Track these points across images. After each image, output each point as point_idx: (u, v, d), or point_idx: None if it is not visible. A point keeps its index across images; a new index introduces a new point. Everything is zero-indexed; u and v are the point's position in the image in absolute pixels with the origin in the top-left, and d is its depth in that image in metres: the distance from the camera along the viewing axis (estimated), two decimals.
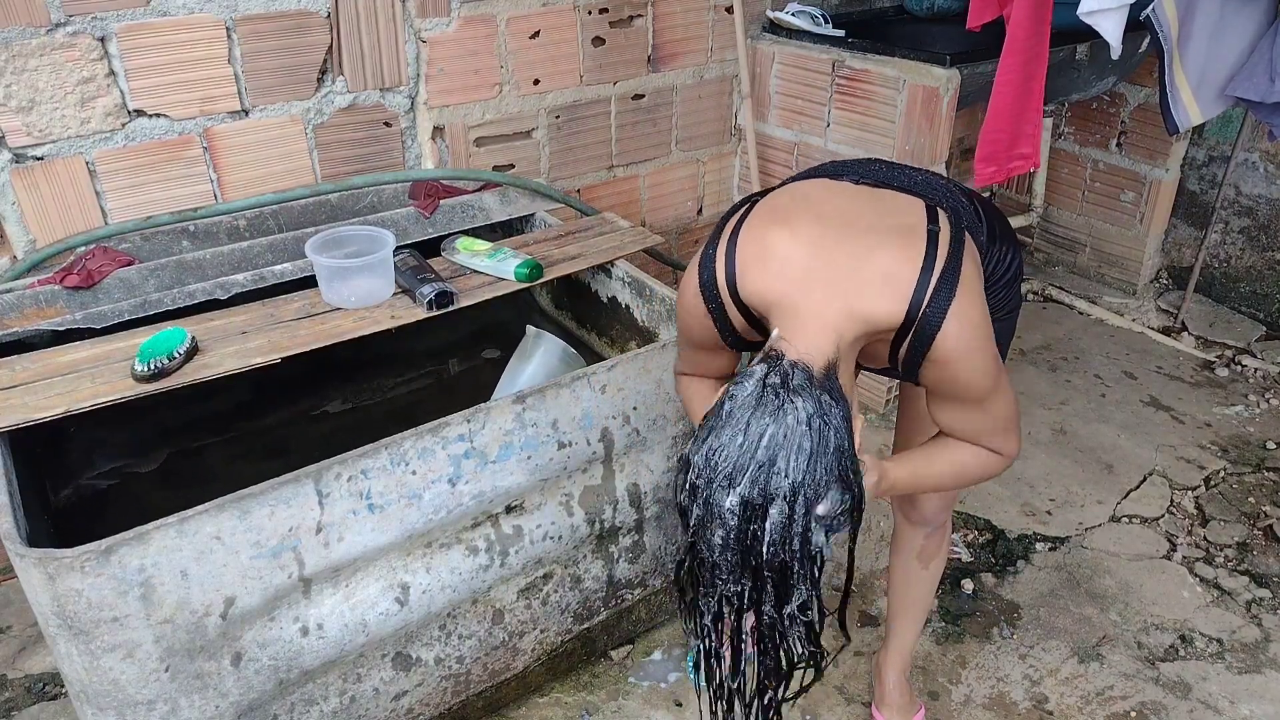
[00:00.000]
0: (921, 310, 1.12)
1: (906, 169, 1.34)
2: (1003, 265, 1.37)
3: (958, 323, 1.12)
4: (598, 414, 1.62)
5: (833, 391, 1.05)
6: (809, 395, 1.02)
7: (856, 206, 1.23)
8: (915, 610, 1.71)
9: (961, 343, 1.13)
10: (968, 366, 1.15)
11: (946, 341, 1.13)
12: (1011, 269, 1.39)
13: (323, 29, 2.00)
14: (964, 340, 1.13)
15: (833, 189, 1.27)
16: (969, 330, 1.13)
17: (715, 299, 1.22)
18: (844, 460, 1.03)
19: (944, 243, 1.16)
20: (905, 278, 1.13)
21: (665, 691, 1.86)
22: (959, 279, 1.14)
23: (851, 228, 1.18)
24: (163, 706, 1.33)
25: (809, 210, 1.22)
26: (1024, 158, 2.25)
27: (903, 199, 1.25)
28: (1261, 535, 2.27)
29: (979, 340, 1.15)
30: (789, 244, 1.16)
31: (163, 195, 1.94)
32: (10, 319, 1.65)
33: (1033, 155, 2.26)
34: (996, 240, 1.35)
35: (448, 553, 1.55)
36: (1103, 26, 2.06)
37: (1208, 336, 3.10)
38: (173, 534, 1.24)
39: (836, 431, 1.02)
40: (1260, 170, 3.03)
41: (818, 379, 1.05)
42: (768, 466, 1.00)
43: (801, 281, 1.13)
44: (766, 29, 2.66)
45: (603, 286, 2.04)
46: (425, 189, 2.07)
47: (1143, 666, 1.93)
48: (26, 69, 1.72)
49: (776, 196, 1.28)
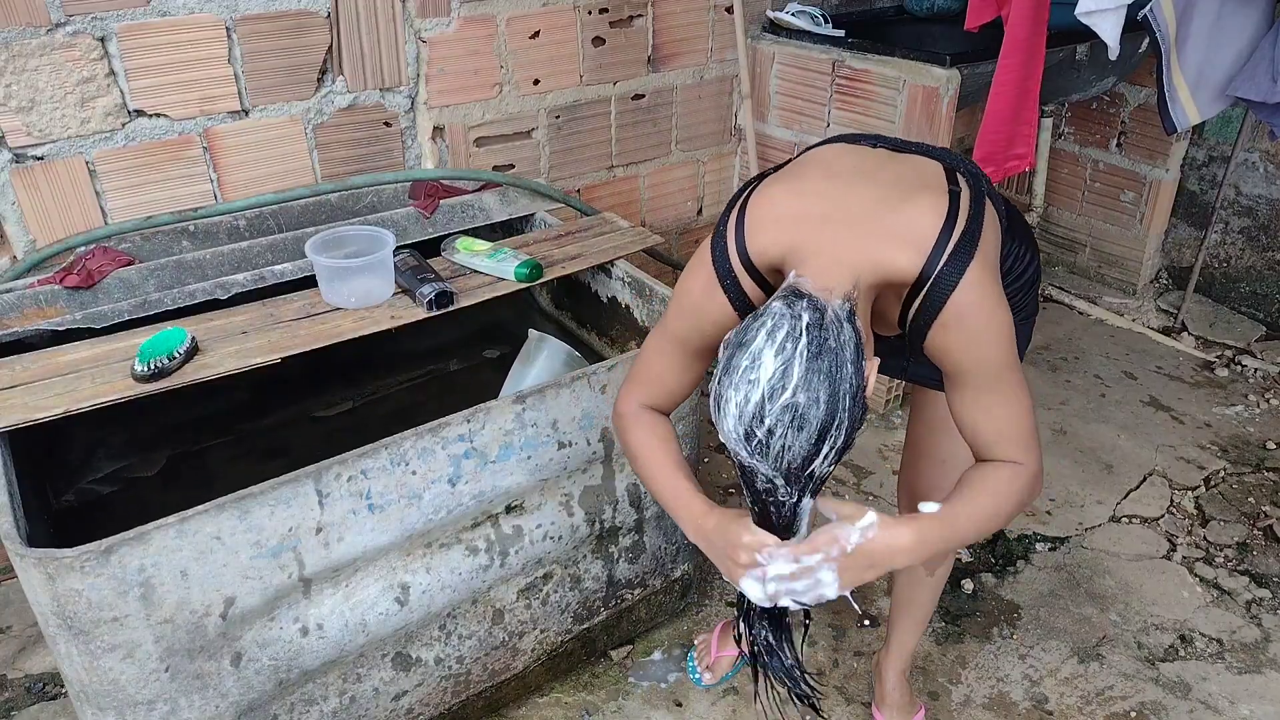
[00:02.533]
0: (938, 268, 1.10)
1: (923, 143, 1.33)
2: (1021, 264, 1.35)
3: (971, 291, 1.10)
4: (598, 414, 1.62)
5: (852, 323, 1.04)
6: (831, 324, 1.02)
7: (873, 163, 1.22)
8: (918, 614, 1.70)
9: (974, 309, 1.11)
10: (979, 331, 1.12)
11: (959, 304, 1.10)
12: (1029, 272, 1.37)
13: (323, 29, 2.00)
14: (977, 307, 1.11)
15: (848, 150, 1.27)
16: (982, 297, 1.11)
17: (729, 273, 1.20)
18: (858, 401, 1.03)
19: (964, 203, 1.15)
20: (925, 233, 1.11)
21: (665, 691, 1.86)
22: (978, 243, 1.12)
23: (868, 179, 1.17)
24: (163, 706, 1.33)
25: (818, 169, 1.22)
26: (1020, 158, 2.26)
27: (921, 160, 1.24)
28: (1261, 535, 2.27)
29: (991, 305, 1.12)
30: (798, 200, 1.16)
31: (163, 195, 1.94)
32: (10, 319, 1.65)
33: (1028, 155, 2.26)
34: (1016, 238, 1.33)
35: (448, 553, 1.55)
36: (1100, 27, 2.07)
37: (1208, 336, 3.10)
38: (173, 534, 1.24)
39: (855, 363, 1.02)
40: (1260, 170, 3.03)
41: (836, 311, 1.03)
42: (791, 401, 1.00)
43: (816, 228, 1.13)
44: (766, 29, 2.66)
45: (603, 286, 2.04)
46: (425, 189, 2.07)
47: (1143, 666, 1.93)
48: (26, 69, 1.72)
49: (783, 168, 1.28)
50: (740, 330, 1.05)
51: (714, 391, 1.06)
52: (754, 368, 1.01)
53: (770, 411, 1.00)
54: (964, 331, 1.12)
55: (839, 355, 1.01)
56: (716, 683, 1.86)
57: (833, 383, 1.00)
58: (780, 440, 1.01)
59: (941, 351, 1.15)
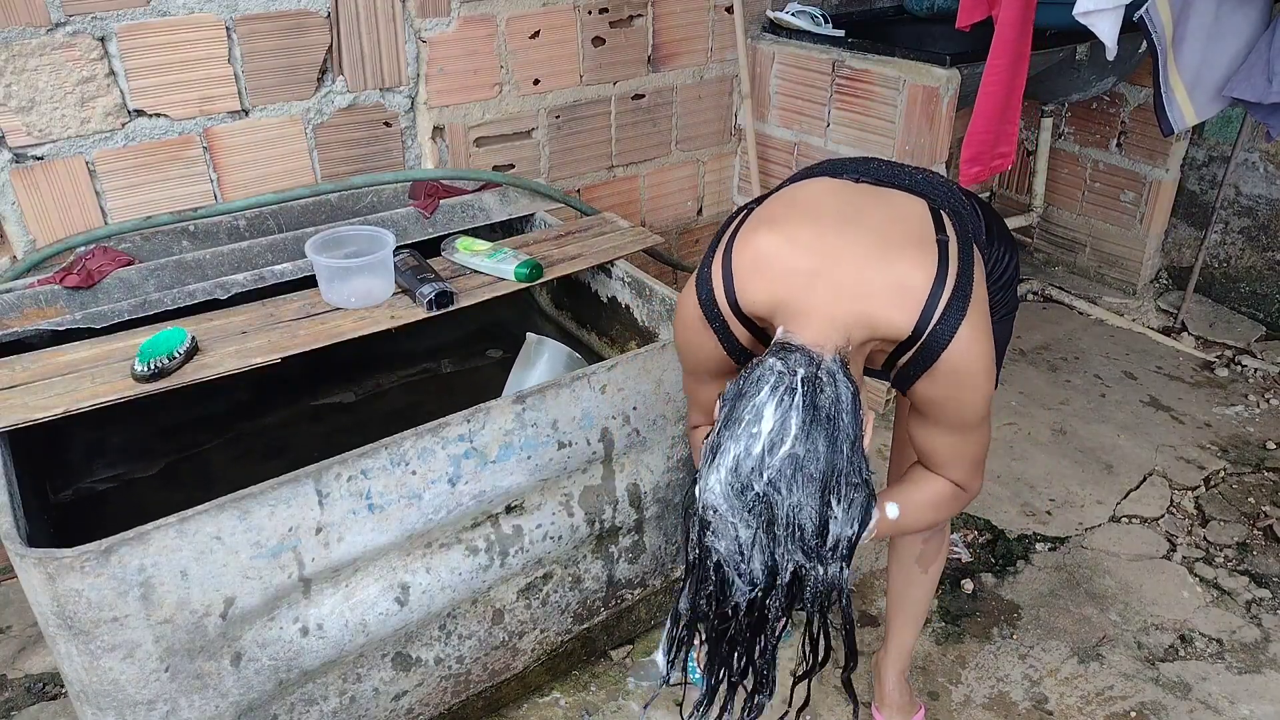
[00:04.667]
0: (931, 326, 1.11)
1: (906, 168, 1.33)
2: (1000, 265, 1.37)
3: (966, 343, 1.11)
4: (598, 414, 1.62)
5: (847, 376, 1.04)
6: (826, 378, 1.02)
7: (858, 204, 1.22)
8: (914, 612, 1.70)
9: (966, 363, 1.12)
10: (968, 387, 1.14)
11: (952, 359, 1.12)
12: (1009, 271, 1.39)
13: (322, 29, 2.00)
14: (969, 361, 1.13)
15: (831, 188, 1.27)
16: (975, 352, 1.13)
17: (717, 316, 1.21)
18: (856, 450, 1.03)
19: (954, 255, 1.16)
20: (917, 291, 1.12)
21: (665, 691, 1.86)
22: (970, 298, 1.13)
23: (856, 226, 1.17)
24: (163, 706, 1.33)
25: (803, 214, 1.21)
26: (1004, 156, 2.26)
27: (906, 199, 1.24)
28: (1261, 535, 2.28)
29: (982, 363, 1.14)
30: (786, 249, 1.15)
31: (163, 195, 1.94)
32: (10, 319, 1.65)
33: (1010, 153, 2.27)
34: (995, 242, 1.35)
35: (448, 553, 1.55)
36: (1098, 27, 2.06)
37: (1208, 336, 3.10)
38: (173, 534, 1.24)
39: (852, 413, 1.03)
40: (1260, 170, 3.03)
41: (829, 365, 1.04)
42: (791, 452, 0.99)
43: (806, 283, 1.12)
44: (766, 29, 2.66)
45: (602, 286, 2.04)
46: (425, 189, 2.07)
47: (1142, 666, 1.93)
48: (26, 69, 1.72)
49: (768, 205, 1.27)
50: (737, 383, 1.05)
51: (710, 442, 1.05)
52: (755, 421, 1.01)
53: (770, 465, 0.99)
54: (952, 385, 1.14)
55: (836, 407, 1.02)
56: None
57: (830, 434, 1.00)
58: (785, 498, 0.99)
59: (925, 399, 1.18)
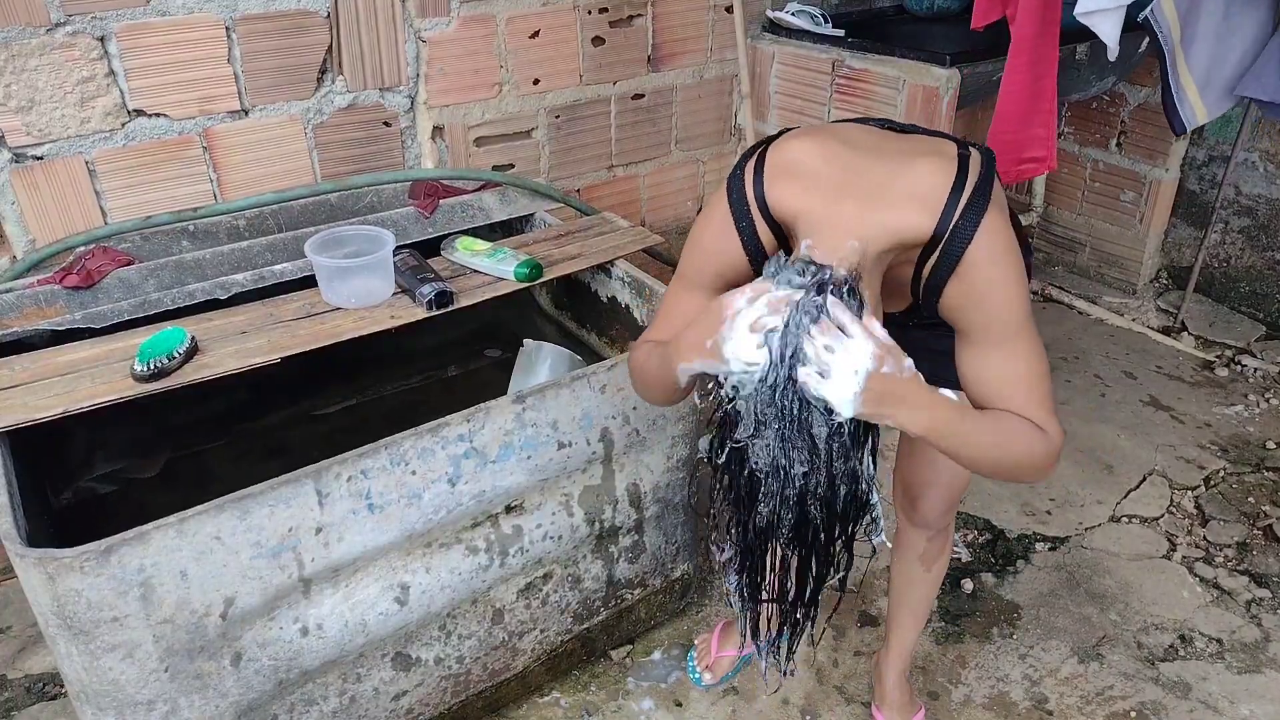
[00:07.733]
0: (953, 224, 1.11)
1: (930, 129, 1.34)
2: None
3: (988, 238, 1.11)
4: (598, 414, 1.62)
5: (855, 289, 1.06)
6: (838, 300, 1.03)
7: (885, 139, 1.24)
8: (916, 612, 1.70)
9: (992, 257, 1.11)
10: (999, 283, 1.12)
11: (977, 254, 1.10)
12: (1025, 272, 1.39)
13: (322, 29, 2.00)
14: (994, 256, 1.11)
15: (860, 128, 1.29)
16: (999, 246, 1.12)
17: (745, 215, 1.21)
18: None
19: (975, 164, 1.16)
20: (937, 193, 1.12)
21: (665, 691, 1.86)
22: (990, 197, 1.13)
23: (882, 153, 1.18)
24: (162, 706, 1.33)
25: (837, 136, 1.23)
26: (1037, 160, 2.18)
27: (930, 137, 1.26)
28: (1261, 535, 2.27)
29: (1008, 259, 1.13)
30: (820, 161, 1.17)
31: (162, 195, 1.94)
32: (10, 319, 1.65)
33: (1047, 158, 2.18)
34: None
35: (447, 553, 1.55)
36: (1100, 27, 2.06)
37: (1208, 336, 3.10)
38: (172, 534, 1.24)
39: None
40: (1260, 170, 3.03)
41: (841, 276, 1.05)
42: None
43: (832, 194, 1.13)
44: (766, 29, 2.66)
45: (602, 286, 2.04)
46: (425, 189, 2.07)
47: (1143, 666, 1.93)
48: (26, 69, 1.72)
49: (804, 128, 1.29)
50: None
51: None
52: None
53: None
54: (982, 282, 1.12)
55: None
56: (716, 683, 1.86)
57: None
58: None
59: (957, 308, 1.15)
